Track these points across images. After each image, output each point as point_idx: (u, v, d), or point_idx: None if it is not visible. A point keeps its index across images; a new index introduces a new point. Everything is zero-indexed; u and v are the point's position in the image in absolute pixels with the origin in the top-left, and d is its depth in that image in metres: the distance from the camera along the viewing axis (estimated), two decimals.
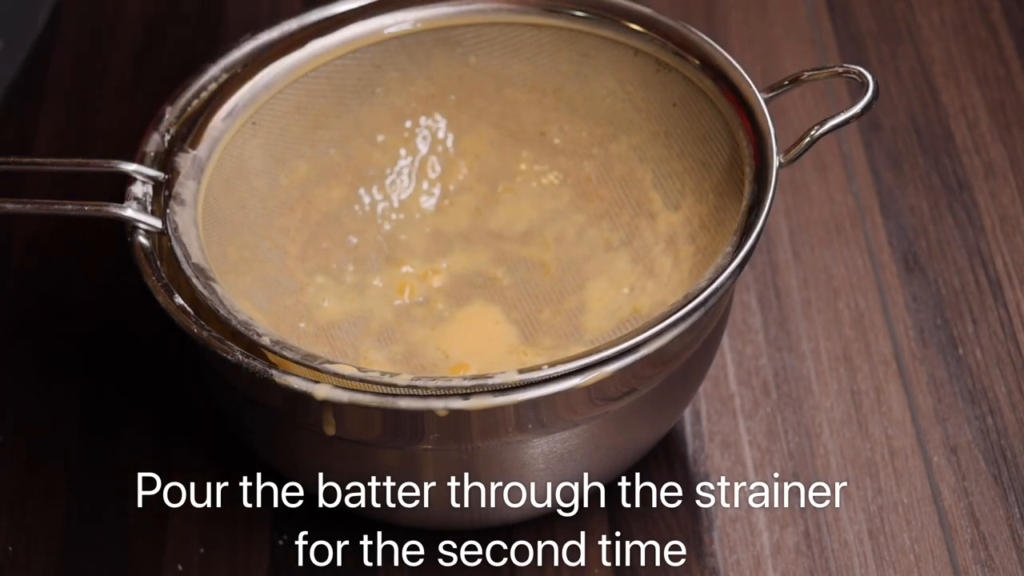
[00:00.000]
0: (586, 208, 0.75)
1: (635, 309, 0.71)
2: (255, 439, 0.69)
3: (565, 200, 0.76)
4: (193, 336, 0.62)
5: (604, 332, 0.71)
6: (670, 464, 0.73)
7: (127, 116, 0.88)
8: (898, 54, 0.90)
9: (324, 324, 0.71)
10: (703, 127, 0.72)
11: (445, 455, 0.64)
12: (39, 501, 0.73)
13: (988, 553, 0.70)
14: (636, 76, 0.74)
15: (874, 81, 0.69)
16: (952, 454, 0.73)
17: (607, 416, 0.64)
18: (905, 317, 0.79)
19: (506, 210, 0.76)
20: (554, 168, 0.76)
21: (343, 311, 0.72)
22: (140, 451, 0.74)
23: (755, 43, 0.91)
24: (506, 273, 0.75)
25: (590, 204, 0.75)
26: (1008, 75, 0.89)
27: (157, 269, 0.65)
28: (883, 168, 0.85)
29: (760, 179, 0.67)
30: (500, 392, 0.60)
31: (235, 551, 0.71)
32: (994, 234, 0.82)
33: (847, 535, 0.71)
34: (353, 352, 0.71)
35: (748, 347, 0.77)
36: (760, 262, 0.81)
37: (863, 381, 0.76)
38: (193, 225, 0.66)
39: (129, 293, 0.80)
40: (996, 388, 0.75)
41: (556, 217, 0.76)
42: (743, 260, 0.64)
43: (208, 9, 0.94)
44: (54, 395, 0.76)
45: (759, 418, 0.75)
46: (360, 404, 0.61)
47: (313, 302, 0.72)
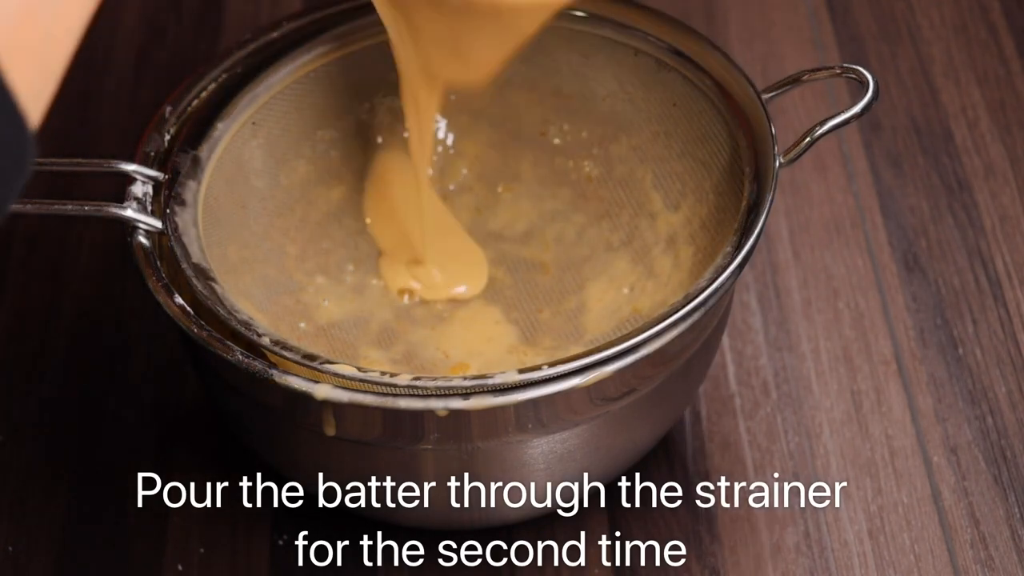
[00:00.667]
0: (586, 208, 0.75)
1: (635, 309, 0.71)
2: (255, 439, 0.69)
3: (565, 200, 0.76)
4: (193, 336, 0.62)
5: (604, 332, 0.71)
6: (670, 464, 0.73)
7: (127, 116, 0.88)
8: (898, 54, 0.90)
9: (324, 324, 0.71)
10: (703, 127, 0.72)
11: (445, 455, 0.64)
12: (39, 501, 0.73)
13: (988, 553, 0.70)
14: (636, 76, 0.74)
15: (874, 81, 0.69)
16: (952, 454, 0.73)
17: (607, 416, 0.64)
18: (905, 317, 0.79)
19: (506, 210, 0.76)
20: (554, 168, 0.76)
21: (343, 311, 0.72)
22: (140, 451, 0.74)
23: (755, 43, 0.91)
24: (506, 273, 0.75)
25: (590, 204, 0.75)
26: (1008, 75, 0.89)
27: (157, 269, 0.64)
28: (883, 168, 0.85)
29: (760, 179, 0.67)
30: (500, 392, 0.60)
31: (235, 551, 0.71)
32: (994, 234, 0.82)
33: (847, 535, 0.71)
34: (353, 352, 0.71)
35: (748, 347, 0.77)
36: (760, 262, 0.81)
37: (863, 381, 0.76)
38: (193, 225, 0.66)
39: (129, 293, 0.80)
40: (996, 388, 0.75)
41: (556, 217, 0.76)
42: (743, 260, 0.64)
43: (208, 9, 0.94)
44: (54, 395, 0.76)
45: (759, 418, 0.75)
46: (360, 404, 0.60)
47: (313, 302, 0.72)
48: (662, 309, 0.65)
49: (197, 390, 0.76)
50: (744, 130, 0.69)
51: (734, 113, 0.70)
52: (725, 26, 0.92)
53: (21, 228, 0.83)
